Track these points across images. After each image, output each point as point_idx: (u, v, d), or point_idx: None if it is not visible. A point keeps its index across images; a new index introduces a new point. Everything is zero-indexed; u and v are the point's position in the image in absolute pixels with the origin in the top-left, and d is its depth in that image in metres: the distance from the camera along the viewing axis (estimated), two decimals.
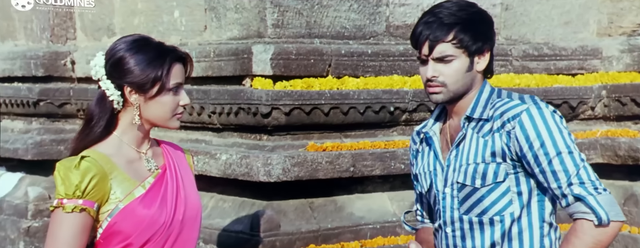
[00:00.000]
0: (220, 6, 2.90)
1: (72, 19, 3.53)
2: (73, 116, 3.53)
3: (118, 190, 1.56)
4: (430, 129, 1.68)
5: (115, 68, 1.58)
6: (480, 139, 1.58)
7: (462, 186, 1.59)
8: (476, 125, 1.59)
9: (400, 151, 2.80)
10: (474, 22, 1.57)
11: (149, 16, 3.22)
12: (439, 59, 1.57)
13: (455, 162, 1.61)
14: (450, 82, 1.57)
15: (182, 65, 1.62)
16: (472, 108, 1.60)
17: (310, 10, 2.77)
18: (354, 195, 2.86)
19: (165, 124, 1.61)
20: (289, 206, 2.73)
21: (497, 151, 1.56)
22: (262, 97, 2.63)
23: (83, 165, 1.53)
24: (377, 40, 2.91)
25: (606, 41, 3.31)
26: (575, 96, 3.17)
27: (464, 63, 1.57)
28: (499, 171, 1.56)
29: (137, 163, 1.61)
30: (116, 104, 1.59)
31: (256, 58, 2.67)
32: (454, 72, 1.57)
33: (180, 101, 1.60)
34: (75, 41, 3.56)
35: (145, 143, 1.64)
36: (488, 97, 1.61)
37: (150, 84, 1.57)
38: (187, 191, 1.65)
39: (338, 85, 2.74)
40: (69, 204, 1.52)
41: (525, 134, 1.53)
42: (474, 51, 1.57)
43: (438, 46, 1.56)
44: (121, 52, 1.58)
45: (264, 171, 2.59)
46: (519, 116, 1.54)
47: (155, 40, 1.63)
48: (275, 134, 2.73)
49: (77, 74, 3.49)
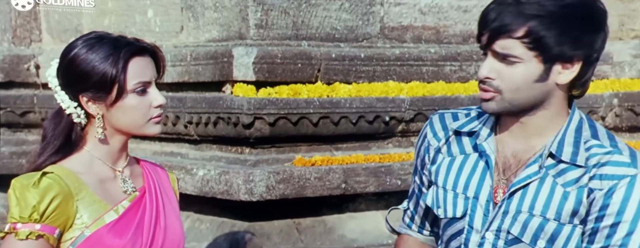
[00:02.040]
0: (198, 5, 2.70)
1: (36, 19, 3.31)
2: (37, 126, 3.31)
3: (85, 213, 1.36)
4: (485, 142, 1.28)
5: (67, 76, 1.37)
6: (558, 187, 1.22)
7: (515, 240, 1.24)
8: (556, 165, 1.23)
9: (397, 166, 2.62)
10: (566, 18, 1.17)
11: (120, 16, 3.02)
12: (501, 57, 1.21)
13: (510, 203, 1.25)
14: (507, 90, 1.21)
15: (148, 59, 1.39)
16: (558, 145, 1.23)
17: (297, 9, 2.59)
18: (346, 215, 2.67)
19: (140, 131, 1.40)
20: (274, 228, 2.54)
21: (581, 212, 1.21)
22: (243, 105, 2.44)
23: (43, 183, 1.33)
24: (371, 42, 2.74)
25: (617, 45, 3.15)
26: (585, 105, 3.00)
27: (534, 70, 1.20)
28: (573, 236, 1.21)
29: (110, 183, 1.42)
30: (76, 117, 1.39)
31: (237, 62, 2.49)
32: (515, 79, 1.20)
33: (153, 101, 1.39)
34: (41, 44, 3.34)
35: (123, 159, 1.44)
36: (577, 130, 1.24)
37: (107, 88, 1.35)
38: (168, 219, 1.45)
39: (328, 92, 2.57)
40: (24, 229, 1.31)
41: (620, 207, 1.18)
42: (554, 57, 1.19)
43: (501, 40, 1.19)
44: (71, 56, 1.37)
45: (245, 188, 2.39)
46: (618, 179, 1.19)
47: (113, 35, 1.40)
48: (258, 147, 2.54)
49: (42, 80, 3.29)
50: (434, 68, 2.76)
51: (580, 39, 1.20)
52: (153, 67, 1.40)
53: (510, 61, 1.21)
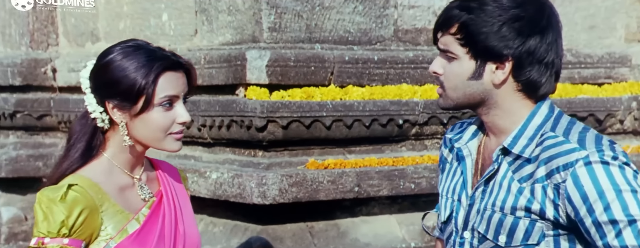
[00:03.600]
0: (212, 8, 2.71)
1: (54, 23, 3.34)
2: (53, 129, 3.33)
3: (109, 225, 1.37)
4: (465, 145, 1.32)
5: (97, 80, 1.37)
6: (514, 183, 1.22)
7: (483, 238, 1.25)
8: (514, 161, 1.24)
9: (410, 169, 2.59)
10: (498, 17, 1.19)
11: (135, 20, 3.04)
12: (444, 53, 1.25)
13: (480, 202, 1.27)
14: (447, 86, 1.26)
15: (180, 74, 1.38)
16: (512, 139, 1.23)
17: (310, 13, 2.58)
18: (359, 218, 2.64)
19: (159, 146, 1.38)
20: (287, 232, 2.52)
21: (534, 207, 1.20)
22: (256, 108, 2.43)
23: (70, 197, 1.33)
24: (384, 45, 2.72)
25: (636, 47, 3.10)
26: (603, 108, 2.95)
27: (467, 67, 1.22)
28: (533, 231, 1.20)
29: (129, 191, 1.42)
30: (100, 122, 1.39)
31: (250, 65, 2.48)
32: (452, 76, 1.24)
33: (178, 117, 1.37)
34: (57, 47, 3.37)
35: (139, 166, 1.43)
36: (540, 125, 1.23)
37: (133, 99, 1.35)
38: (186, 224, 1.45)
39: (341, 95, 2.56)
40: (52, 244, 1.32)
41: (581, 193, 1.16)
42: (481, 53, 1.21)
43: (442, 37, 1.24)
44: (105, 61, 1.37)
45: (258, 192, 2.38)
46: (572, 166, 1.16)
47: (152, 45, 1.40)
48: (271, 150, 2.53)
49: (59, 83, 3.31)
50: None
51: (509, 38, 1.20)
52: (184, 83, 1.38)
53: (449, 57, 1.24)
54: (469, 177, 1.31)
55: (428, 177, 2.60)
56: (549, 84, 1.24)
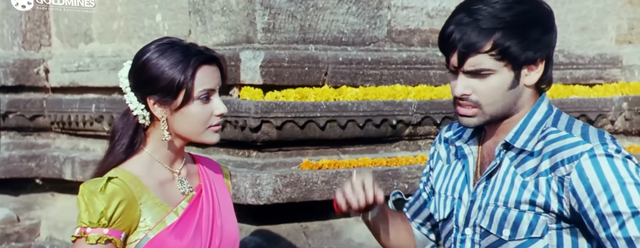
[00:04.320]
0: (206, 9, 2.71)
1: (46, 23, 3.32)
2: (46, 130, 3.32)
3: (148, 216, 1.41)
4: (466, 144, 1.34)
5: (137, 78, 1.44)
6: (518, 177, 1.25)
7: (485, 233, 1.28)
8: (516, 156, 1.26)
9: (404, 169, 2.60)
10: (523, 25, 1.23)
11: (129, 20, 3.03)
12: (473, 73, 1.25)
13: (482, 198, 1.29)
14: (485, 103, 1.25)
15: (214, 68, 1.44)
16: (514, 133, 1.26)
17: (304, 13, 2.59)
18: (353, 219, 2.65)
19: (198, 139, 1.44)
20: (281, 232, 2.53)
21: (539, 200, 1.22)
22: (250, 109, 2.44)
23: (109, 189, 1.39)
24: (378, 46, 2.73)
25: (627, 49, 3.13)
26: (594, 109, 2.97)
27: (505, 79, 1.24)
28: (537, 224, 1.23)
29: (169, 185, 1.46)
30: (142, 119, 1.44)
31: (244, 66, 2.49)
32: (491, 91, 1.24)
33: (215, 110, 1.43)
34: (50, 48, 3.36)
35: (179, 160, 1.49)
36: (541, 121, 1.27)
37: (174, 94, 1.40)
38: (224, 218, 1.49)
39: (335, 96, 2.56)
40: (93, 234, 1.38)
41: (586, 185, 1.18)
42: (521, 63, 1.24)
43: (471, 58, 1.24)
44: (143, 60, 1.43)
45: (252, 192, 2.38)
46: (577, 158, 1.19)
47: (185, 42, 1.45)
48: (266, 151, 2.54)
49: (52, 84, 3.29)
50: (441, 71, 2.75)
51: (540, 41, 1.25)
52: (219, 76, 1.43)
53: (483, 75, 1.25)
54: (471, 175, 1.32)
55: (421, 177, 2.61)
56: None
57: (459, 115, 1.28)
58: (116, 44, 3.10)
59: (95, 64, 3.09)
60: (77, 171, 3.02)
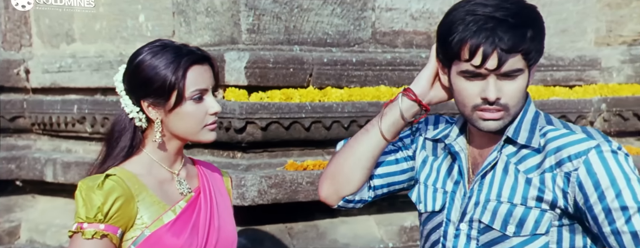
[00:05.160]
0: (190, 9, 2.69)
1: (27, 23, 3.29)
2: (27, 131, 3.28)
3: (145, 214, 1.42)
4: (455, 141, 1.34)
5: (131, 81, 1.45)
6: (520, 174, 1.26)
7: (486, 228, 1.28)
8: (516, 153, 1.27)
9: None
10: (541, 26, 1.24)
11: (111, 21, 3.01)
12: (505, 75, 1.22)
13: (479, 194, 1.29)
14: (512, 105, 1.24)
15: (206, 67, 1.44)
16: (515, 129, 1.26)
17: (289, 14, 2.59)
18: (338, 219, 2.66)
19: (195, 138, 1.45)
20: (266, 233, 2.53)
21: (547, 197, 1.24)
22: (235, 110, 2.44)
23: (107, 185, 1.40)
24: (363, 47, 2.74)
25: (605, 51, 3.18)
26: (574, 110, 3.02)
27: (525, 79, 1.25)
28: (542, 221, 1.24)
29: (168, 185, 1.47)
30: (139, 121, 1.45)
31: (229, 66, 2.48)
32: (517, 92, 1.24)
33: (209, 109, 1.43)
34: (31, 48, 3.32)
35: (178, 162, 1.49)
36: (534, 118, 1.29)
37: (166, 95, 1.41)
38: (222, 219, 1.49)
39: (320, 97, 2.57)
40: (89, 229, 1.38)
41: (593, 180, 1.20)
42: (535, 62, 1.25)
43: (511, 59, 1.20)
44: (136, 63, 1.44)
45: (237, 193, 2.38)
46: (585, 154, 1.21)
47: (177, 43, 1.46)
48: (250, 152, 2.53)
49: (32, 85, 3.25)
50: None
51: (543, 45, 1.27)
52: (211, 76, 1.44)
53: (513, 76, 1.23)
54: (465, 170, 1.32)
55: None
56: None
57: (481, 120, 1.24)
58: (99, 44, 3.07)
59: (77, 64, 3.06)
60: (58, 173, 2.99)
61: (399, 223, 2.69)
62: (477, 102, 1.24)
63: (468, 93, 1.24)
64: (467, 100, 1.25)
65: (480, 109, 1.24)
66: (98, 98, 2.96)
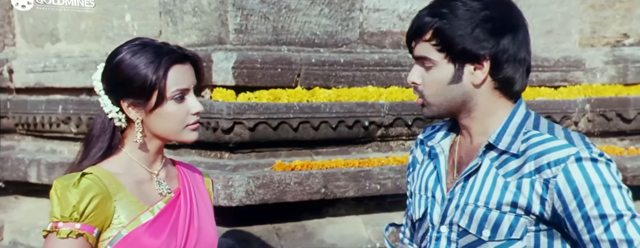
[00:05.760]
0: (177, 9, 2.68)
1: (10, 23, 3.25)
2: (10, 131, 3.24)
3: (122, 214, 1.39)
4: (438, 143, 1.36)
5: (110, 81, 1.42)
6: (500, 178, 1.25)
7: (464, 232, 1.28)
8: (498, 157, 1.27)
9: (376, 170, 2.62)
10: (470, 20, 1.24)
11: (97, 20, 2.99)
12: (421, 63, 1.29)
13: (460, 197, 1.29)
14: (428, 94, 1.29)
15: (188, 66, 1.41)
16: (498, 135, 1.26)
17: (277, 15, 2.59)
18: (325, 219, 2.66)
19: (177, 138, 1.43)
20: (253, 233, 2.52)
21: (521, 202, 1.23)
22: (223, 110, 2.43)
23: (83, 183, 1.37)
24: (350, 48, 2.75)
25: (589, 52, 3.22)
26: (559, 110, 3.05)
27: (446, 72, 1.26)
28: (517, 226, 1.23)
29: (146, 185, 1.44)
30: (118, 121, 1.43)
31: (217, 67, 2.47)
32: (430, 82, 1.28)
33: (191, 109, 1.41)
34: (14, 48, 3.28)
35: (158, 162, 1.47)
36: (521, 123, 1.27)
37: (147, 95, 1.38)
38: (202, 220, 1.47)
39: (308, 97, 2.57)
40: (65, 228, 1.35)
41: (572, 187, 1.19)
42: (459, 56, 1.25)
43: (418, 45, 1.28)
44: (115, 62, 1.42)
45: (224, 194, 2.37)
46: (564, 162, 1.20)
47: (157, 41, 1.44)
48: (238, 152, 2.53)
49: (16, 85, 3.22)
50: None
51: (483, 39, 1.24)
52: (193, 75, 1.41)
53: (427, 66, 1.28)
54: (443, 173, 1.33)
55: (393, 178, 2.63)
56: (522, 80, 1.30)
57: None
58: (84, 44, 3.04)
59: (62, 64, 3.03)
60: (42, 174, 2.95)
61: (386, 223, 2.69)
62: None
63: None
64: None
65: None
66: (83, 98, 2.93)
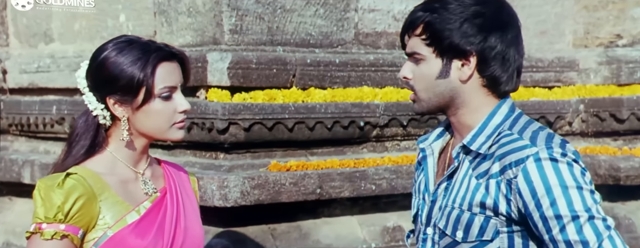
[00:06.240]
0: (172, 9, 2.68)
1: (4, 23, 3.24)
2: (3, 132, 3.23)
3: (108, 214, 1.37)
4: (428, 145, 1.36)
5: (95, 78, 1.40)
6: (472, 179, 1.26)
7: (442, 233, 1.29)
8: (474, 159, 1.27)
9: (371, 171, 2.63)
10: (459, 15, 1.25)
11: (91, 20, 2.98)
12: (412, 57, 1.31)
13: (442, 199, 1.30)
14: (418, 89, 1.30)
15: (175, 64, 1.40)
16: (472, 136, 1.27)
17: (272, 15, 2.58)
18: (321, 220, 2.66)
19: (163, 136, 1.41)
20: (248, 234, 2.52)
21: (489, 203, 1.23)
22: (218, 110, 2.42)
23: (68, 184, 1.35)
24: (346, 48, 2.75)
25: (583, 52, 3.23)
26: (553, 111, 3.06)
27: (433, 67, 1.27)
28: (487, 227, 1.24)
29: (132, 185, 1.43)
30: (103, 119, 1.41)
31: (211, 67, 2.47)
32: (420, 77, 1.29)
33: (178, 107, 1.39)
34: (8, 48, 3.27)
35: (143, 161, 1.46)
36: (499, 124, 1.27)
37: (134, 92, 1.37)
38: (188, 220, 1.46)
39: (303, 97, 2.57)
40: (49, 229, 1.33)
41: (530, 188, 1.19)
42: (446, 50, 1.26)
43: (410, 40, 1.30)
44: (100, 59, 1.39)
45: (219, 194, 2.37)
46: (523, 162, 1.20)
47: (144, 39, 1.42)
48: (233, 153, 2.52)
49: (10, 85, 3.21)
50: None
51: (471, 34, 1.25)
52: (180, 73, 1.40)
53: (417, 60, 1.30)
54: (430, 175, 1.34)
55: (388, 178, 2.64)
56: (511, 80, 1.29)
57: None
58: (78, 44, 3.03)
59: (55, 64, 3.02)
60: (36, 175, 2.94)
61: (381, 223, 2.70)
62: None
63: None
64: None
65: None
66: (77, 99, 2.92)
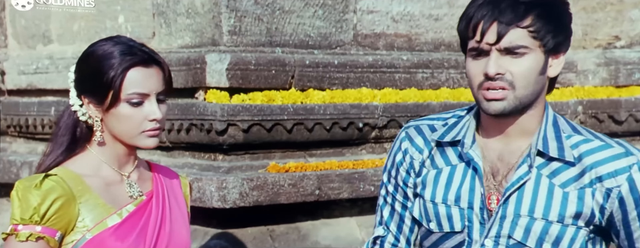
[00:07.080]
0: (170, 11, 2.68)
1: (2, 24, 3.24)
2: (2, 133, 3.23)
3: (87, 216, 1.34)
4: (471, 149, 1.25)
5: (77, 74, 1.39)
6: (556, 188, 1.20)
7: (518, 244, 1.21)
8: (547, 164, 1.21)
9: (370, 172, 2.63)
10: (557, 9, 1.18)
11: (90, 21, 2.98)
12: (507, 51, 1.17)
13: (506, 208, 1.21)
14: (519, 85, 1.17)
15: (154, 71, 1.36)
16: (543, 141, 1.20)
17: (270, 16, 2.58)
18: (319, 221, 2.66)
19: (132, 142, 1.37)
20: (247, 235, 2.52)
21: (585, 213, 1.19)
22: (216, 112, 2.42)
23: (46, 185, 1.32)
24: (344, 49, 2.75)
25: (581, 54, 3.23)
26: None
27: (538, 62, 1.18)
28: (577, 239, 1.21)
29: (116, 187, 1.39)
30: (82, 115, 1.39)
31: (210, 68, 2.47)
32: (525, 71, 1.17)
33: (149, 115, 1.35)
34: (6, 49, 3.27)
35: (130, 163, 1.42)
36: (553, 126, 1.22)
37: (103, 94, 1.34)
38: (174, 224, 1.42)
39: (302, 99, 2.57)
40: (24, 231, 1.30)
41: (635, 196, 1.18)
42: (551, 48, 1.18)
43: (510, 32, 1.16)
44: (85, 55, 1.39)
45: (218, 196, 2.36)
46: (628, 171, 1.19)
47: (133, 42, 1.39)
48: (232, 154, 2.52)
49: (8, 86, 3.20)
50: (406, 75, 2.79)
51: (567, 29, 1.23)
52: (158, 81, 1.35)
53: (519, 53, 1.17)
54: (484, 182, 1.25)
55: None
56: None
57: (486, 100, 1.18)
58: (77, 45, 3.03)
59: (54, 66, 3.02)
60: None
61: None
62: (480, 80, 1.17)
63: (473, 71, 1.18)
64: (473, 80, 1.19)
65: (485, 88, 1.17)
66: None
